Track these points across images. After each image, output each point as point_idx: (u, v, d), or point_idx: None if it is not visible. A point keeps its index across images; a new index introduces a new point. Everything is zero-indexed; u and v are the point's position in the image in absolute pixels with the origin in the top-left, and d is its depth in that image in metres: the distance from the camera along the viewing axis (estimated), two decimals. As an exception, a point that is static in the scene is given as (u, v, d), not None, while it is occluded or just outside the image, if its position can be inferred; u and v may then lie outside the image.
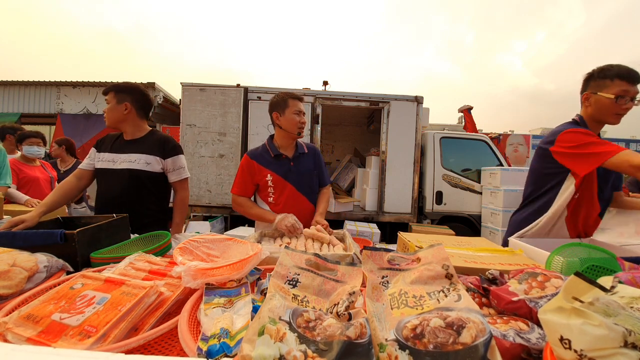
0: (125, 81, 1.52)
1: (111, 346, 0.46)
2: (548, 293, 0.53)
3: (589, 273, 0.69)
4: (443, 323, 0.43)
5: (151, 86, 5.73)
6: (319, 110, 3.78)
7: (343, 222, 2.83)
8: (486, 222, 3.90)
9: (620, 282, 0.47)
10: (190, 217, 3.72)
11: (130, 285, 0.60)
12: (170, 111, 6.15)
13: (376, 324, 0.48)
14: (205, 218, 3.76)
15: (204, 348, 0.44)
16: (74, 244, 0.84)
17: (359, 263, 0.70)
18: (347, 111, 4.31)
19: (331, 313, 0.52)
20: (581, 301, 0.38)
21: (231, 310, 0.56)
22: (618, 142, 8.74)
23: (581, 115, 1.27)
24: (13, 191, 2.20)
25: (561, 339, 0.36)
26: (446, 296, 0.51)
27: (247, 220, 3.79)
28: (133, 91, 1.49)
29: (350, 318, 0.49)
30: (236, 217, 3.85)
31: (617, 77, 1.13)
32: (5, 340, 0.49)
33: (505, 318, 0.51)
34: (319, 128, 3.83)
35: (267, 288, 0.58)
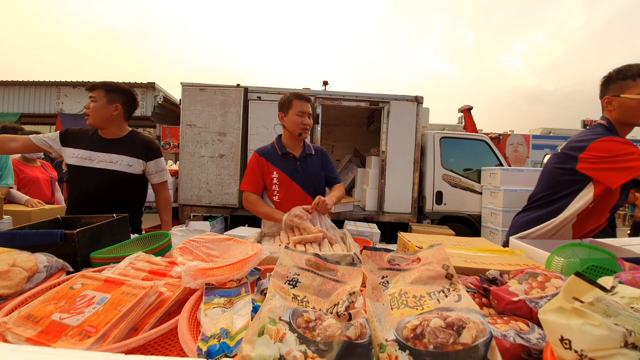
0: (112, 81, 1.51)
1: (111, 346, 0.46)
2: (548, 293, 0.53)
3: (589, 273, 0.69)
4: (443, 323, 0.42)
5: (151, 86, 5.74)
6: (319, 110, 3.78)
7: (343, 222, 2.83)
8: (486, 222, 3.90)
9: (620, 283, 0.47)
10: (190, 217, 3.72)
11: (130, 285, 0.60)
12: (170, 111, 6.15)
13: (376, 324, 0.48)
14: (205, 218, 3.76)
15: (204, 348, 0.44)
16: (74, 244, 0.84)
17: (359, 263, 0.70)
18: (347, 111, 4.32)
19: (331, 313, 0.52)
20: (581, 301, 0.38)
21: (231, 310, 0.56)
22: (618, 142, 8.73)
23: (608, 119, 1.19)
24: (14, 191, 2.21)
25: (561, 339, 0.36)
26: (446, 296, 0.51)
27: (247, 220, 3.80)
28: (124, 93, 1.49)
29: (350, 318, 0.49)
30: (236, 217, 3.85)
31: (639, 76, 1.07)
32: (5, 340, 0.49)
33: (505, 318, 0.51)
34: (319, 128, 3.83)
35: (267, 288, 0.58)
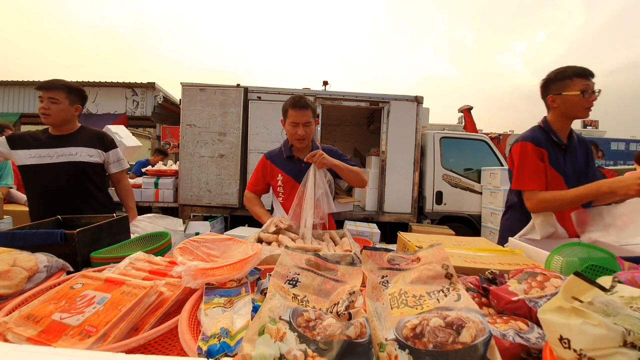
0: (67, 81, 1.54)
1: (111, 346, 0.46)
2: (547, 293, 0.53)
3: (589, 273, 0.69)
4: (443, 322, 0.43)
5: (151, 86, 5.74)
6: (319, 110, 3.79)
7: (343, 222, 2.84)
8: (486, 222, 3.90)
9: (619, 282, 0.47)
10: (190, 217, 3.72)
11: (130, 285, 0.60)
12: (170, 111, 6.15)
13: (376, 324, 0.48)
14: (205, 218, 3.76)
15: (204, 348, 0.44)
16: (74, 244, 0.84)
17: (359, 263, 0.70)
18: (347, 111, 4.32)
19: (331, 313, 0.52)
20: (581, 301, 0.38)
21: (231, 310, 0.56)
22: (618, 142, 8.73)
23: (547, 118, 1.36)
24: (13, 191, 2.21)
25: (560, 339, 0.36)
26: (446, 296, 0.51)
27: (247, 220, 3.80)
28: (83, 95, 1.58)
29: (350, 318, 0.49)
30: (236, 217, 3.85)
31: (575, 76, 1.22)
32: (5, 340, 0.49)
33: (504, 318, 0.51)
34: (319, 128, 3.83)
35: (267, 288, 0.58)
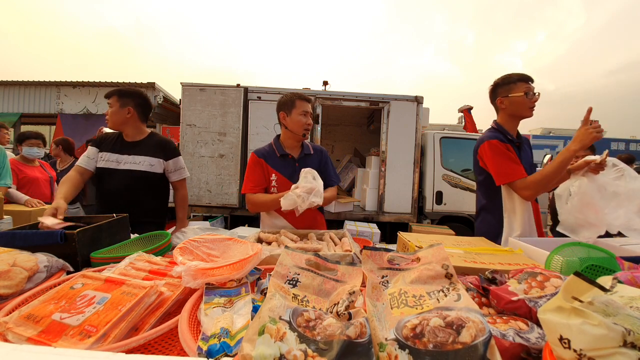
0: (127, 86, 1.58)
1: (111, 346, 0.46)
2: (547, 293, 0.53)
3: (589, 273, 0.69)
4: (443, 322, 0.43)
5: (151, 86, 5.73)
6: (319, 110, 3.78)
7: (343, 222, 2.83)
8: (486, 222, 3.89)
9: (619, 282, 0.47)
10: (190, 217, 3.72)
11: (130, 285, 0.60)
12: (170, 111, 6.15)
13: (376, 324, 0.48)
14: (205, 218, 3.76)
15: (204, 347, 0.44)
16: (74, 244, 0.84)
17: (359, 263, 0.70)
18: (347, 111, 4.31)
19: (331, 313, 0.52)
20: (580, 301, 0.38)
21: (231, 310, 0.56)
22: (618, 142, 8.74)
23: (497, 121, 1.51)
24: (13, 191, 2.21)
25: (560, 339, 0.36)
26: (446, 296, 0.51)
27: (247, 220, 3.80)
28: (135, 96, 1.57)
29: (350, 317, 0.49)
30: (236, 217, 3.84)
31: (519, 80, 1.39)
32: (5, 340, 0.49)
33: (504, 318, 0.51)
34: (319, 128, 3.83)
35: (267, 288, 0.58)
